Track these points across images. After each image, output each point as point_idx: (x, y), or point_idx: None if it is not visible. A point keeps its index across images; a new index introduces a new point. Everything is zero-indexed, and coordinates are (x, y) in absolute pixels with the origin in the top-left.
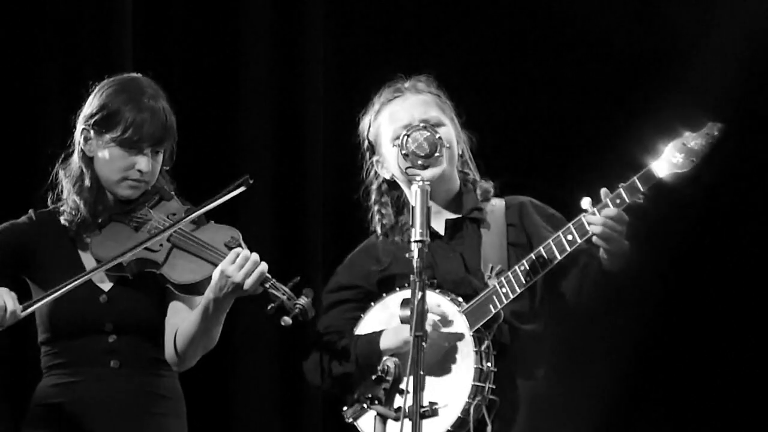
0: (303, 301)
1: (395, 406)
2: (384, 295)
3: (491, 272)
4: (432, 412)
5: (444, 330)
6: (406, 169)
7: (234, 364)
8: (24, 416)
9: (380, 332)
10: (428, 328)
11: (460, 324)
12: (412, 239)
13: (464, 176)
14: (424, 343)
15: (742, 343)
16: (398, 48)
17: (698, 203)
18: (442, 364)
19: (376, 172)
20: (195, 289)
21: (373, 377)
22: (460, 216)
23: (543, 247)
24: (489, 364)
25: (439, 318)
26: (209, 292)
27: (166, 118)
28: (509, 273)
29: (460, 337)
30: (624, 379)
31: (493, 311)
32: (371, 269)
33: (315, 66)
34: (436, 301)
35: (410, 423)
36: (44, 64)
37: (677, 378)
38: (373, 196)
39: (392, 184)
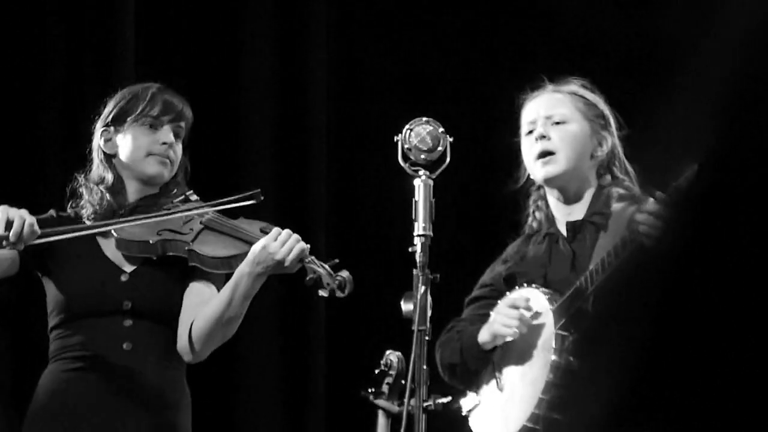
0: (344, 274)
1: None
2: (507, 293)
3: None
4: (436, 406)
5: (532, 325)
6: (409, 164)
7: (238, 360)
8: (28, 403)
9: (482, 326)
10: (515, 320)
11: (548, 321)
12: (415, 233)
13: (608, 179)
14: (426, 338)
15: (743, 344)
16: (401, 47)
17: (704, 203)
18: (527, 359)
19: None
20: (227, 264)
21: (376, 371)
22: (580, 219)
23: (613, 247)
24: (570, 359)
25: (520, 306)
26: (244, 266)
27: (185, 105)
28: (587, 273)
29: (545, 338)
30: (634, 375)
31: (571, 309)
32: (499, 269)
33: (318, 66)
34: (536, 300)
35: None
36: (45, 66)
37: (687, 375)
38: (532, 196)
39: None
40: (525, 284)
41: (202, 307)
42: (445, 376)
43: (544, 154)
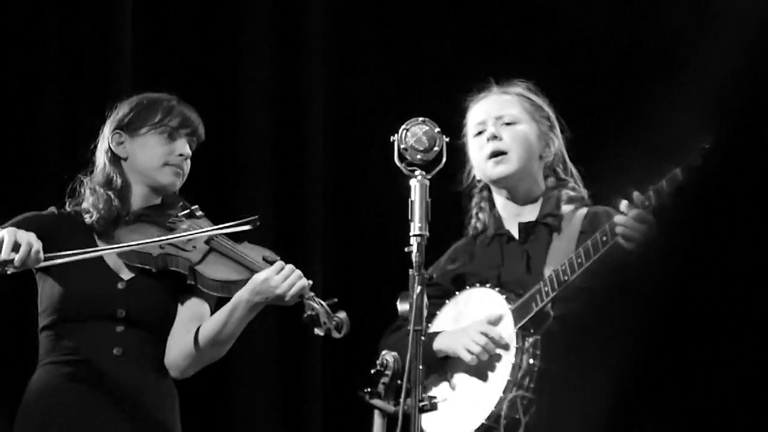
0: (341, 315)
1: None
2: (456, 293)
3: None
4: (431, 406)
5: (495, 343)
6: (406, 164)
7: (235, 364)
8: (18, 405)
9: (438, 333)
10: (480, 348)
11: (507, 321)
12: (411, 233)
13: (556, 182)
14: (422, 337)
15: (744, 343)
16: (398, 51)
17: (704, 203)
18: (486, 360)
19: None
20: (226, 288)
21: (372, 371)
22: (533, 220)
23: (582, 248)
24: (530, 361)
25: (492, 336)
26: (243, 293)
27: (198, 117)
28: (552, 272)
29: (504, 338)
30: (634, 375)
31: (535, 308)
32: (447, 268)
33: (315, 69)
34: (493, 300)
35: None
36: (43, 67)
37: (687, 375)
38: (475, 198)
39: (490, 188)
40: (477, 284)
41: (193, 325)
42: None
43: (497, 153)
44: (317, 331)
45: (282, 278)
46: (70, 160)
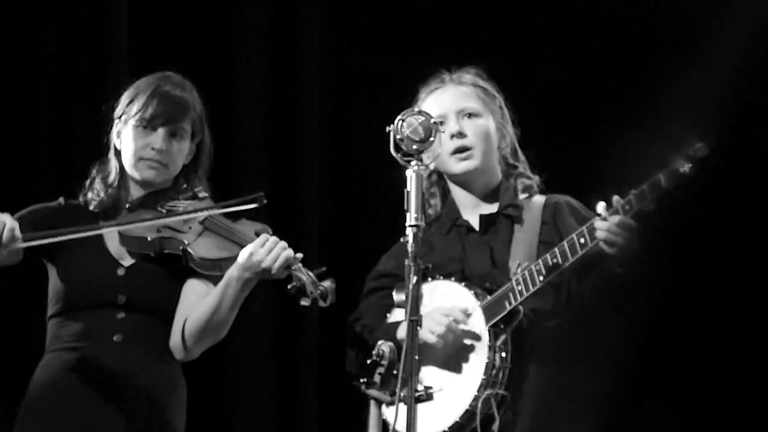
0: (327, 284)
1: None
2: None
3: (517, 269)
4: (427, 396)
5: (461, 327)
6: (402, 155)
7: (231, 356)
8: (24, 394)
9: (399, 323)
10: (444, 327)
11: (477, 318)
12: (407, 224)
13: (507, 170)
14: (419, 327)
15: (744, 342)
16: (394, 48)
17: (700, 203)
18: (457, 357)
19: None
20: (217, 266)
21: (368, 361)
22: (494, 212)
23: (558, 248)
24: (503, 357)
25: (455, 317)
26: (233, 270)
27: (186, 103)
28: (525, 271)
29: (475, 336)
30: (632, 374)
31: (508, 307)
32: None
33: (310, 68)
34: (459, 295)
35: (405, 407)
36: (38, 68)
37: (685, 375)
38: (424, 183)
39: (441, 174)
40: (441, 277)
41: (197, 306)
42: (352, 371)
43: (461, 149)
44: (303, 302)
45: (266, 251)
46: (65, 157)
